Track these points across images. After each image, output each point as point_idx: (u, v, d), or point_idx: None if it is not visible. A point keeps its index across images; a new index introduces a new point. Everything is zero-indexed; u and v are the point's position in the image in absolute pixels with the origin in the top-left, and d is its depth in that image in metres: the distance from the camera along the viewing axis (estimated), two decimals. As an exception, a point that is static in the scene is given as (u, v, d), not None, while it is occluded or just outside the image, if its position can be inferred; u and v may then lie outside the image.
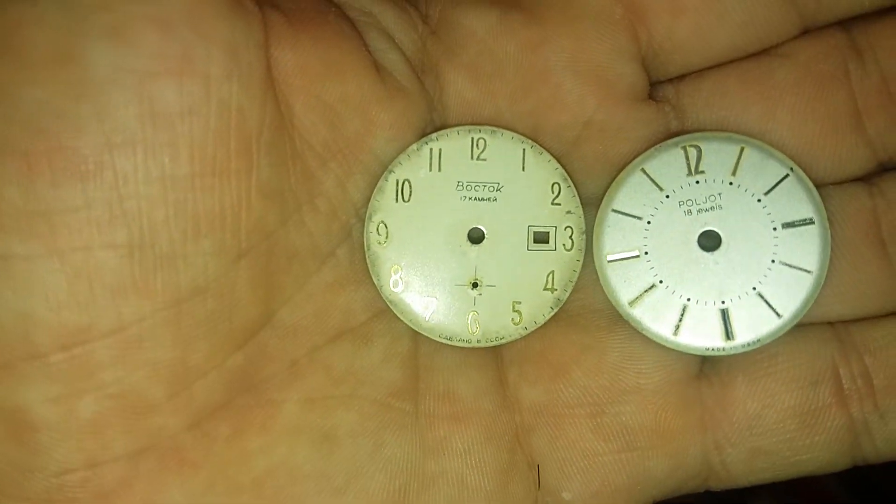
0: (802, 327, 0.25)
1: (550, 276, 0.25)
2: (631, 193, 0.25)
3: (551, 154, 0.25)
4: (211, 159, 0.21)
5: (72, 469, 0.22)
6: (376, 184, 0.25)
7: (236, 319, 0.23)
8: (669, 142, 0.25)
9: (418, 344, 0.25)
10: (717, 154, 0.25)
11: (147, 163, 0.20)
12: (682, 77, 0.25)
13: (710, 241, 0.25)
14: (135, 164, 0.20)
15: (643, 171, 0.25)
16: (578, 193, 0.25)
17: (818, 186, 0.25)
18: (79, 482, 0.22)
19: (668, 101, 0.25)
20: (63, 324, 0.21)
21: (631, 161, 0.25)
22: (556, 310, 0.25)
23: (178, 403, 0.22)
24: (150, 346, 0.21)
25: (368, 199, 0.25)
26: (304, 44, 0.23)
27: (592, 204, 0.26)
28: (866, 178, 0.25)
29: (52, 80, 0.20)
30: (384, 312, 0.25)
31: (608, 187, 0.25)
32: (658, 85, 0.26)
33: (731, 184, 0.25)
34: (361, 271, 0.25)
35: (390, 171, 0.25)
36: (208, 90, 0.21)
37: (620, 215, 0.25)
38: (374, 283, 0.25)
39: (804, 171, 0.24)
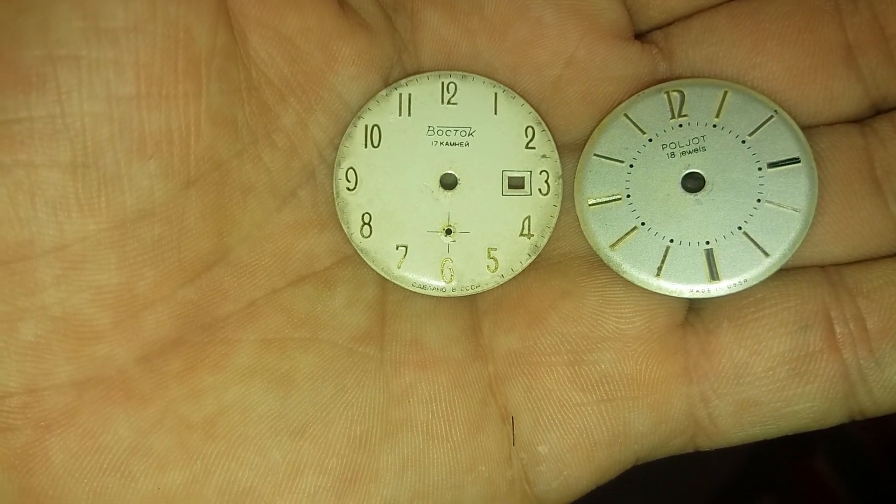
0: (791, 270, 0.24)
1: (527, 221, 0.24)
2: (613, 138, 0.24)
3: (532, 96, 0.24)
4: (158, 79, 0.21)
5: (10, 393, 0.21)
6: (339, 124, 0.24)
7: (186, 249, 0.22)
8: (652, 89, 0.24)
9: (386, 291, 0.24)
10: (701, 98, 0.24)
11: (91, 78, 0.20)
12: (671, 23, 0.25)
13: (693, 183, 0.24)
14: (78, 79, 0.20)
15: (626, 115, 0.24)
16: (561, 138, 0.25)
17: (810, 126, 0.24)
18: (18, 407, 0.21)
19: (656, 44, 0.25)
20: (3, 238, 0.20)
21: (614, 106, 0.24)
22: (533, 256, 0.24)
23: (125, 333, 0.22)
24: (93, 267, 0.21)
25: (332, 140, 0.24)
26: None
27: (576, 149, 0.25)
28: (859, 121, 0.24)
29: None
30: (350, 259, 0.24)
31: (591, 132, 0.24)
32: (648, 34, 0.25)
33: (714, 126, 0.24)
34: (326, 215, 0.24)
35: (359, 117, 0.24)
36: (154, 8, 0.21)
37: (602, 159, 0.24)
38: (340, 228, 0.24)
39: (795, 107, 0.24)
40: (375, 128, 0.24)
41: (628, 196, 0.24)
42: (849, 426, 0.25)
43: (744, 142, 0.24)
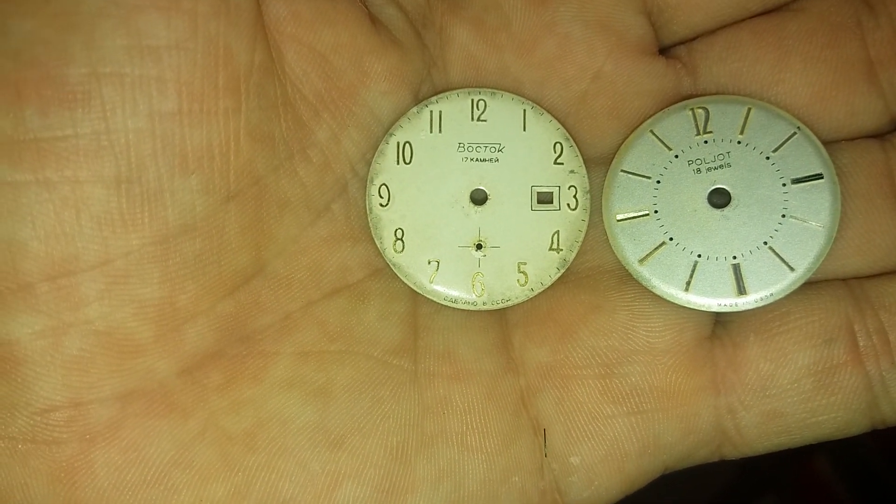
0: (815, 284, 0.24)
1: (556, 236, 0.25)
2: (640, 154, 0.25)
3: (559, 110, 0.25)
4: (199, 95, 0.21)
5: (56, 406, 0.21)
6: (370, 139, 0.25)
7: (225, 263, 0.22)
8: (677, 105, 0.25)
9: (418, 304, 0.25)
10: (725, 115, 0.24)
11: (135, 95, 0.21)
12: (694, 38, 0.25)
13: (719, 199, 0.24)
14: (122, 96, 0.20)
15: (652, 132, 0.25)
16: (587, 152, 0.25)
17: (832, 141, 0.24)
18: (64, 421, 0.22)
19: (680, 59, 0.25)
20: (50, 253, 0.21)
21: (640, 121, 0.25)
22: (562, 270, 0.25)
23: (167, 346, 0.22)
24: (136, 282, 0.21)
25: (364, 154, 0.25)
26: None
27: (602, 163, 0.25)
28: (880, 136, 0.25)
29: (41, 11, 0.20)
30: (381, 271, 0.25)
31: (618, 147, 0.25)
32: (671, 49, 0.25)
33: (739, 142, 0.24)
34: (359, 228, 0.25)
35: (391, 134, 0.25)
36: (195, 26, 0.21)
37: (630, 175, 0.25)
38: (371, 241, 0.25)
39: (818, 122, 0.24)
40: (407, 144, 0.25)
41: (656, 212, 0.24)
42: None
43: (768, 158, 0.24)
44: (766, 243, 0.24)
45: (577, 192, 0.25)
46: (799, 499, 0.44)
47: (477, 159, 0.25)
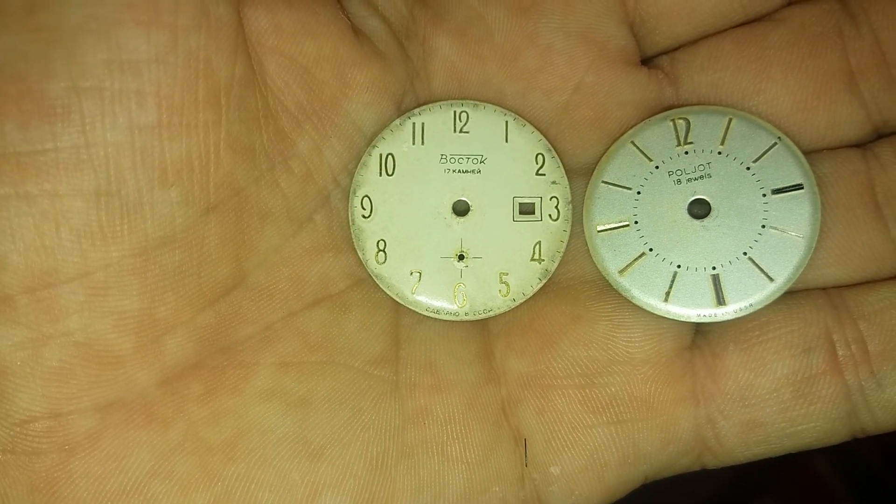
0: (795, 294, 0.24)
1: (537, 246, 0.25)
2: (620, 165, 0.25)
3: (541, 121, 0.25)
4: (178, 108, 0.21)
5: (36, 417, 0.22)
6: (353, 150, 0.25)
7: (206, 275, 0.23)
8: (658, 116, 0.25)
9: (400, 315, 0.25)
10: (706, 126, 0.25)
11: (114, 109, 0.21)
12: (677, 48, 0.25)
13: (699, 209, 0.24)
14: (102, 110, 0.21)
15: (633, 143, 0.25)
16: (570, 163, 0.25)
17: (813, 151, 0.24)
18: (43, 432, 0.22)
19: (662, 69, 0.25)
20: (29, 266, 0.21)
21: (622, 131, 0.25)
22: (544, 281, 0.25)
23: (147, 357, 0.22)
24: (116, 293, 0.22)
25: (346, 165, 0.25)
26: (278, 4, 0.23)
27: (585, 174, 0.25)
28: (861, 146, 0.25)
29: (23, 27, 0.20)
30: (363, 282, 0.25)
31: (600, 157, 0.25)
32: (654, 59, 0.26)
33: (719, 153, 0.24)
34: (341, 239, 0.25)
35: (374, 146, 0.25)
36: (175, 40, 0.21)
37: (610, 186, 0.25)
38: (354, 252, 0.25)
39: (799, 132, 0.24)
40: (390, 156, 0.25)
41: (636, 222, 0.25)
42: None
43: (748, 168, 0.24)
44: (745, 254, 0.24)
45: (558, 202, 0.25)
46: (798, 499, 0.44)
47: (459, 171, 0.25)
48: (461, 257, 0.25)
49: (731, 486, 0.45)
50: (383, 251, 0.25)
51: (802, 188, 0.24)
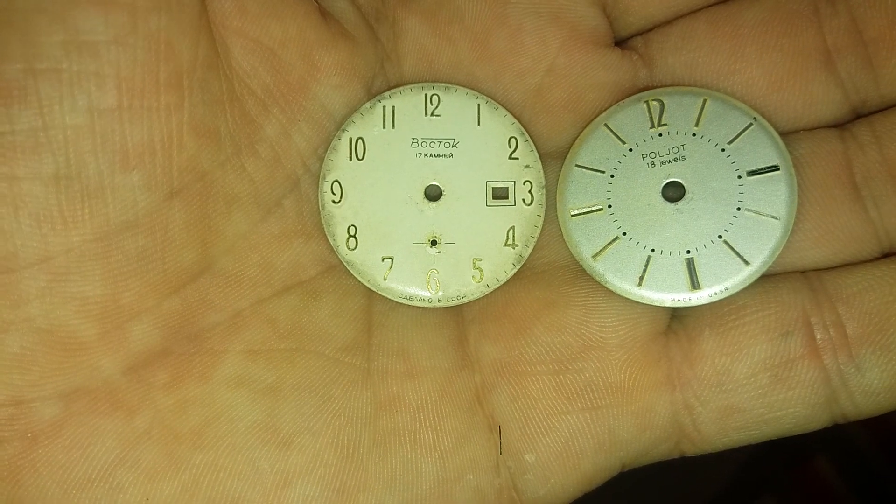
0: (772, 277, 0.24)
1: (511, 231, 0.24)
2: (594, 148, 0.24)
3: (514, 104, 0.25)
4: (139, 91, 0.21)
5: None
6: (322, 133, 0.24)
7: (170, 260, 0.22)
8: (632, 98, 0.24)
9: (372, 301, 0.25)
10: (680, 107, 0.24)
11: (73, 91, 0.20)
12: (650, 29, 0.25)
13: (674, 192, 0.24)
14: (60, 92, 0.20)
15: (606, 126, 0.24)
16: (543, 147, 0.25)
17: (790, 132, 0.24)
18: (5, 419, 0.21)
19: (636, 51, 0.25)
20: None
21: (595, 114, 0.25)
22: (518, 266, 0.24)
23: (111, 344, 0.22)
24: (78, 279, 0.21)
25: (315, 150, 0.24)
26: None
27: (559, 157, 0.25)
28: (839, 126, 0.24)
29: None
30: (335, 268, 0.25)
31: (573, 140, 0.25)
32: (627, 40, 0.25)
33: (694, 135, 0.24)
34: (311, 225, 0.24)
35: (343, 130, 0.24)
36: (135, 21, 0.21)
37: (584, 170, 0.24)
38: (325, 238, 0.25)
39: (775, 113, 0.24)
40: (360, 140, 0.25)
41: (609, 206, 0.24)
42: (848, 425, 0.25)
43: (723, 150, 0.24)
44: (720, 237, 0.24)
45: (532, 187, 0.25)
46: (799, 499, 0.44)
47: (431, 155, 0.25)
48: (434, 243, 0.25)
49: (733, 486, 0.45)
50: (354, 237, 0.24)
51: (778, 169, 0.24)
